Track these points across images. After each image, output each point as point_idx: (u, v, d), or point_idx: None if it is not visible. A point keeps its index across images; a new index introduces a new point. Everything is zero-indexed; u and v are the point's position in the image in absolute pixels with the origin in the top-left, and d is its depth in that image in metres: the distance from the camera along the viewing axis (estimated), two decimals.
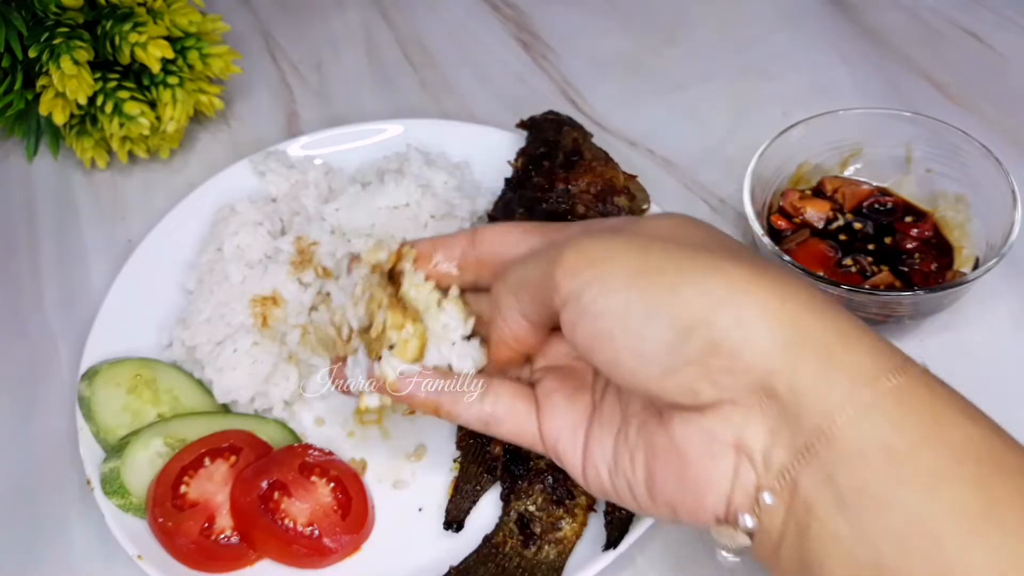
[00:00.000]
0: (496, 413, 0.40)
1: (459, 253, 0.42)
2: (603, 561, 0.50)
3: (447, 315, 0.42)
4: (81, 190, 0.78)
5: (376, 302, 0.41)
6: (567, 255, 0.34)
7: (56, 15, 0.72)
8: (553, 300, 0.35)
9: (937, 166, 0.63)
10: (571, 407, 0.39)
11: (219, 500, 0.54)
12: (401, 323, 0.40)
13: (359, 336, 0.42)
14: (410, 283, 0.42)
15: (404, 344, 0.40)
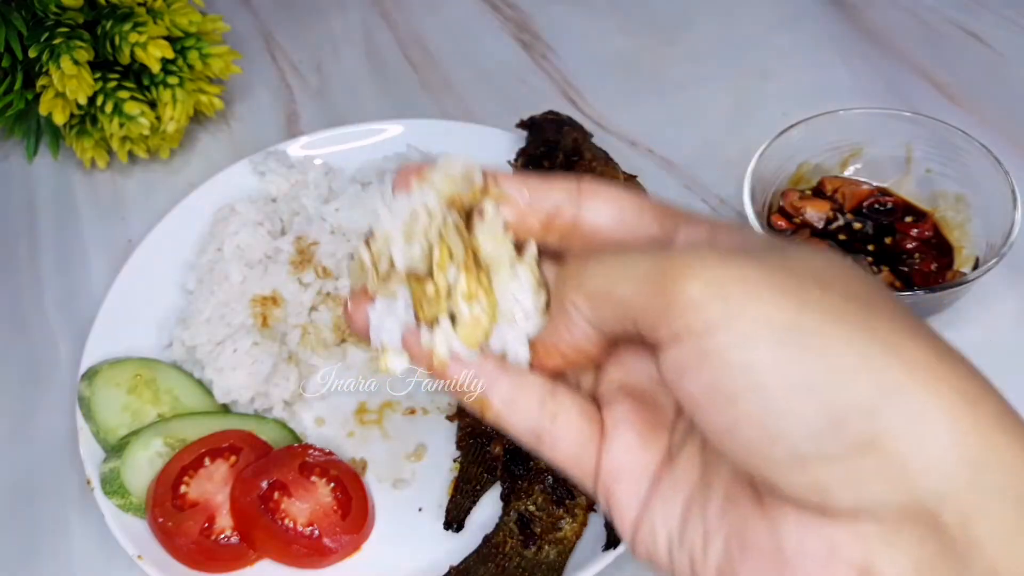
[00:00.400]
0: (555, 430, 0.31)
1: (552, 206, 0.32)
2: (603, 561, 0.50)
3: (518, 283, 0.32)
4: (81, 190, 0.78)
5: (447, 250, 0.31)
6: (693, 281, 0.26)
7: (56, 15, 0.72)
8: (655, 328, 0.27)
9: (937, 166, 0.63)
10: (643, 448, 0.31)
11: (219, 500, 0.54)
12: (475, 293, 0.31)
13: (406, 279, 0.32)
14: (487, 232, 0.32)
15: (473, 324, 0.31)
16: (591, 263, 0.29)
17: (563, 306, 0.30)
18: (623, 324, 0.28)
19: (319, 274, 0.64)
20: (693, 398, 0.27)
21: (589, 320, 0.30)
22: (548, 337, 0.31)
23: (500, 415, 0.32)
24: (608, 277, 0.29)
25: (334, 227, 0.66)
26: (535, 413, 0.31)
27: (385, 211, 0.32)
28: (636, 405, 0.32)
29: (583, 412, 0.32)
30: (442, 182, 0.32)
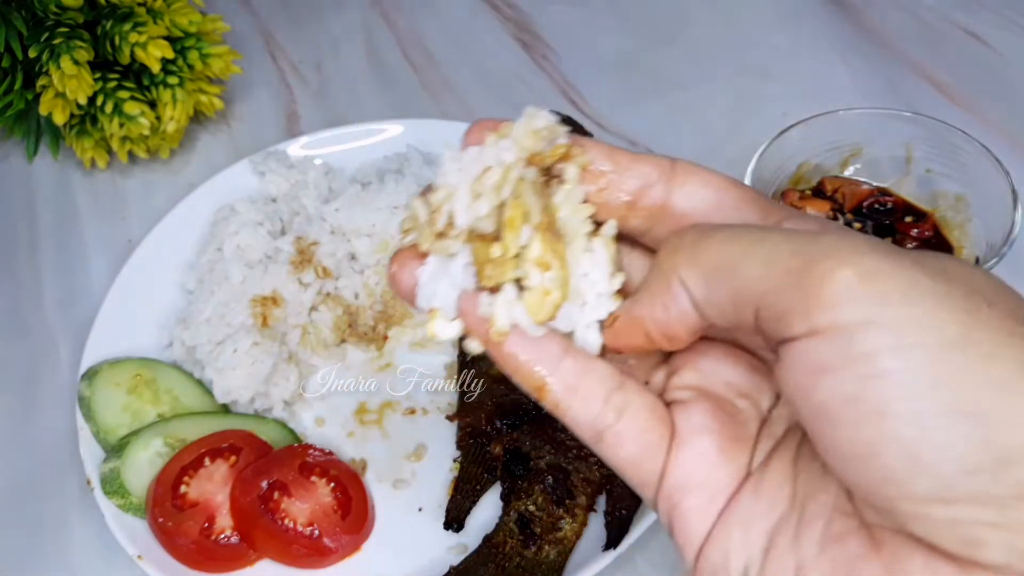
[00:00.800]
0: (620, 427, 0.28)
1: (641, 184, 0.29)
2: (603, 561, 0.50)
3: (593, 261, 0.29)
4: (81, 190, 0.78)
5: (521, 211, 0.28)
6: (845, 269, 0.22)
7: (56, 15, 0.72)
8: (787, 318, 0.23)
9: (937, 166, 0.63)
10: (721, 461, 0.27)
11: (219, 500, 0.54)
12: (547, 261, 0.27)
13: (466, 238, 0.29)
14: (565, 199, 0.29)
15: (542, 295, 0.28)
16: (716, 234, 0.26)
17: (668, 279, 0.26)
18: (739, 310, 0.25)
19: (319, 274, 0.64)
20: (825, 408, 0.22)
21: (697, 300, 0.26)
22: (637, 311, 0.28)
23: (559, 402, 0.28)
24: (735, 252, 0.25)
25: (334, 227, 0.66)
26: (599, 405, 0.28)
27: (452, 164, 0.29)
28: (715, 412, 0.28)
29: (654, 411, 0.28)
30: (524, 136, 0.29)
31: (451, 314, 0.29)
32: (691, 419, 0.28)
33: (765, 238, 0.24)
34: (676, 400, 0.29)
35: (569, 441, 0.54)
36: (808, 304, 0.22)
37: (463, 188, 0.28)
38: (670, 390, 0.29)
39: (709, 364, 0.29)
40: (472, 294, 0.28)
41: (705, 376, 0.29)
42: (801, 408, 0.23)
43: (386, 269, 0.64)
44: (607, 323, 0.29)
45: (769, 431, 0.28)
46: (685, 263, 0.26)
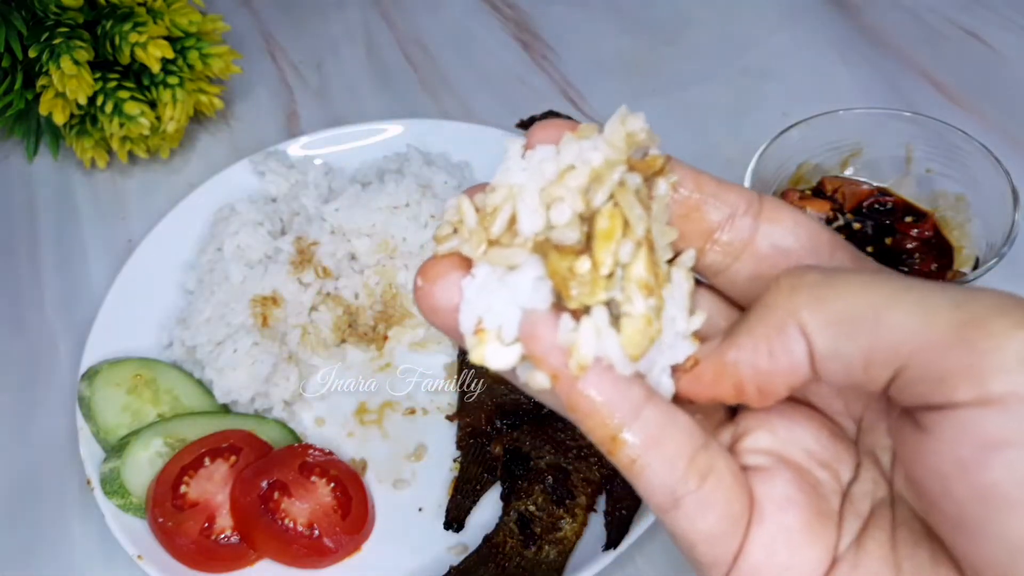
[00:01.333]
0: (703, 496, 0.23)
1: (726, 215, 0.26)
2: (603, 561, 0.50)
3: (671, 294, 0.25)
4: (81, 190, 0.78)
5: (621, 220, 0.23)
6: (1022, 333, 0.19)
7: (56, 15, 0.72)
8: (947, 382, 0.20)
9: (937, 166, 0.63)
10: (807, 543, 0.24)
11: (219, 500, 0.54)
12: (652, 286, 0.23)
13: (535, 246, 0.24)
14: (655, 217, 0.25)
15: (644, 324, 0.23)
16: (851, 276, 0.22)
17: (783, 323, 0.22)
18: (872, 368, 0.21)
19: (319, 274, 0.64)
20: (997, 489, 0.19)
21: (818, 351, 0.22)
22: (733, 357, 0.24)
23: (637, 458, 0.23)
24: (877, 299, 0.21)
25: (334, 227, 0.66)
26: (681, 466, 0.23)
27: (515, 161, 0.25)
28: (798, 481, 0.24)
29: (737, 479, 0.24)
30: (618, 137, 0.25)
31: (509, 336, 0.23)
32: (774, 489, 0.24)
33: (913, 286, 0.21)
34: (750, 466, 0.25)
35: (569, 441, 0.54)
36: (980, 367, 0.19)
37: (531, 189, 0.24)
38: (742, 453, 0.25)
39: (786, 427, 0.26)
40: (548, 315, 0.23)
41: (782, 440, 0.25)
42: (956, 488, 0.20)
43: (393, 279, 0.62)
44: (685, 367, 0.25)
45: (853, 508, 0.25)
46: (808, 306, 0.22)
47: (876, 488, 0.25)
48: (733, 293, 0.27)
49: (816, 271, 0.23)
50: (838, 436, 0.26)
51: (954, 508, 0.20)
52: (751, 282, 0.26)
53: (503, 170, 0.25)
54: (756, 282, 0.25)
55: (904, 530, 0.24)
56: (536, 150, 0.25)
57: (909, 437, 0.21)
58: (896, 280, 0.22)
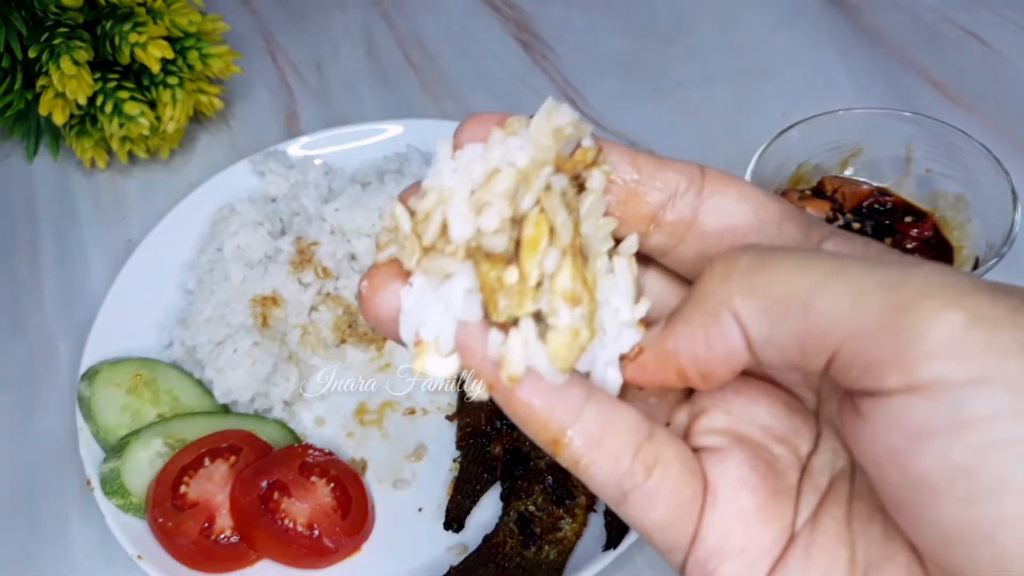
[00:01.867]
0: (650, 487, 0.23)
1: (667, 195, 0.25)
2: (603, 561, 0.50)
3: (614, 285, 0.25)
4: (81, 190, 0.78)
5: (547, 229, 0.23)
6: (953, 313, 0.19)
7: (56, 15, 0.72)
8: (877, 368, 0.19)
9: (937, 166, 0.63)
10: (762, 521, 0.24)
11: (219, 500, 0.54)
12: (578, 296, 0.23)
13: (465, 254, 0.23)
14: (589, 213, 0.24)
15: (571, 337, 0.22)
16: (781, 259, 0.22)
17: (716, 311, 0.22)
18: (808, 355, 0.21)
19: (319, 274, 0.64)
20: (926, 478, 0.19)
21: (753, 338, 0.22)
22: (672, 346, 0.23)
23: (580, 458, 0.23)
24: (807, 284, 0.20)
25: (334, 227, 0.66)
26: (625, 461, 0.23)
27: (445, 163, 0.24)
28: (754, 461, 0.24)
29: (686, 465, 0.24)
30: (542, 134, 0.23)
31: (445, 348, 0.23)
32: (727, 471, 0.24)
33: (845, 268, 0.20)
34: (705, 447, 0.25)
35: None
36: (907, 353, 0.19)
37: (460, 193, 0.23)
38: (697, 434, 0.25)
39: (742, 404, 0.25)
40: (476, 328, 0.23)
41: (737, 418, 0.25)
42: (890, 475, 0.20)
43: None
44: (630, 356, 0.25)
45: (812, 482, 0.24)
46: (741, 293, 0.22)
47: (835, 459, 0.25)
48: (682, 271, 0.27)
49: (749, 254, 0.22)
50: (796, 409, 0.26)
51: (890, 493, 0.20)
52: (699, 260, 0.25)
53: (434, 172, 0.24)
54: (703, 260, 0.24)
55: (860, 504, 0.24)
56: (465, 149, 0.24)
57: (849, 420, 0.21)
58: (830, 262, 0.21)
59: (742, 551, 0.23)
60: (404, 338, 0.24)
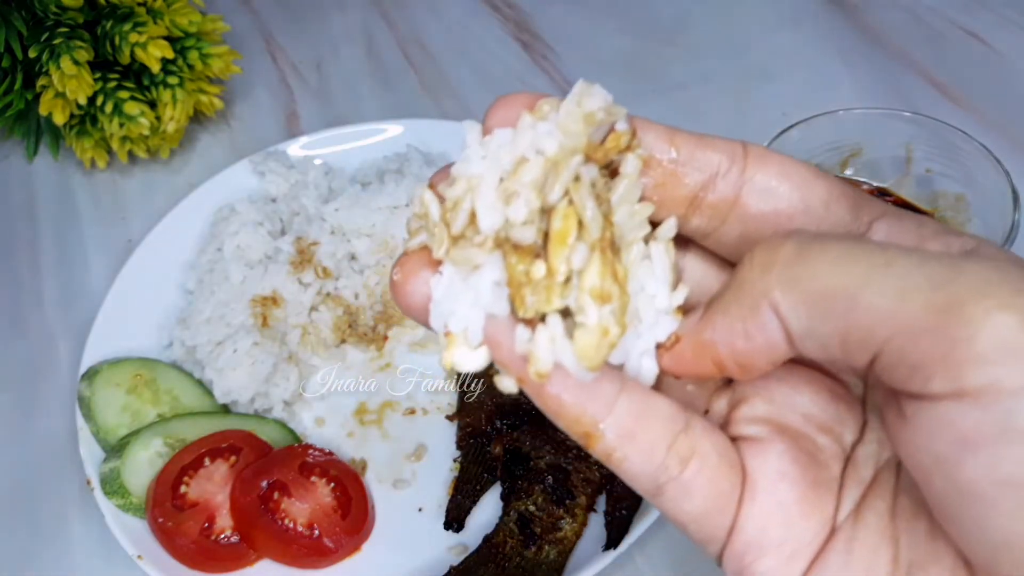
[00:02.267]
0: (686, 479, 0.23)
1: (707, 176, 0.24)
2: (603, 561, 0.50)
3: (650, 272, 0.24)
4: (81, 190, 0.78)
5: (575, 222, 0.22)
6: (1004, 314, 0.18)
7: (56, 15, 0.72)
8: (923, 369, 0.18)
9: (937, 166, 0.63)
10: (803, 514, 0.23)
11: (219, 500, 0.54)
12: (607, 293, 0.22)
13: (494, 244, 0.22)
14: (623, 200, 0.23)
15: (599, 336, 0.22)
16: (825, 249, 0.20)
17: (756, 303, 0.21)
18: (851, 351, 0.20)
19: (319, 274, 0.64)
20: (973, 488, 0.18)
21: (793, 332, 0.21)
22: (709, 336, 0.23)
23: (613, 451, 0.23)
24: (852, 277, 0.19)
25: (334, 227, 0.66)
26: (660, 454, 0.23)
27: (474, 149, 0.23)
28: (795, 452, 0.23)
29: (724, 456, 0.23)
30: (572, 120, 0.22)
31: (475, 340, 0.23)
32: (767, 463, 0.23)
33: (893, 261, 0.19)
34: (745, 437, 0.24)
35: (569, 441, 0.54)
36: (956, 357, 0.18)
37: (488, 182, 0.22)
38: (737, 423, 0.24)
39: (784, 392, 0.24)
40: (504, 323, 0.22)
41: (779, 407, 0.24)
42: (936, 482, 0.19)
43: (388, 276, 0.63)
44: (666, 345, 0.24)
45: (856, 474, 0.23)
46: (781, 285, 0.21)
47: (881, 449, 0.24)
48: (724, 252, 0.25)
49: (791, 243, 0.21)
50: (841, 397, 0.25)
51: (935, 499, 0.20)
52: (742, 242, 0.24)
53: (463, 158, 0.23)
54: (746, 242, 0.23)
55: (905, 499, 0.23)
56: (494, 135, 0.23)
57: (893, 420, 0.20)
58: (877, 254, 0.20)
59: (781, 544, 0.23)
60: (434, 327, 0.24)
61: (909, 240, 0.22)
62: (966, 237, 0.22)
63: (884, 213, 0.23)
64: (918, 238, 0.22)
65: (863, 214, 0.23)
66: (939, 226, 0.23)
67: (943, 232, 0.22)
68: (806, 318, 0.20)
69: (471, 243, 0.22)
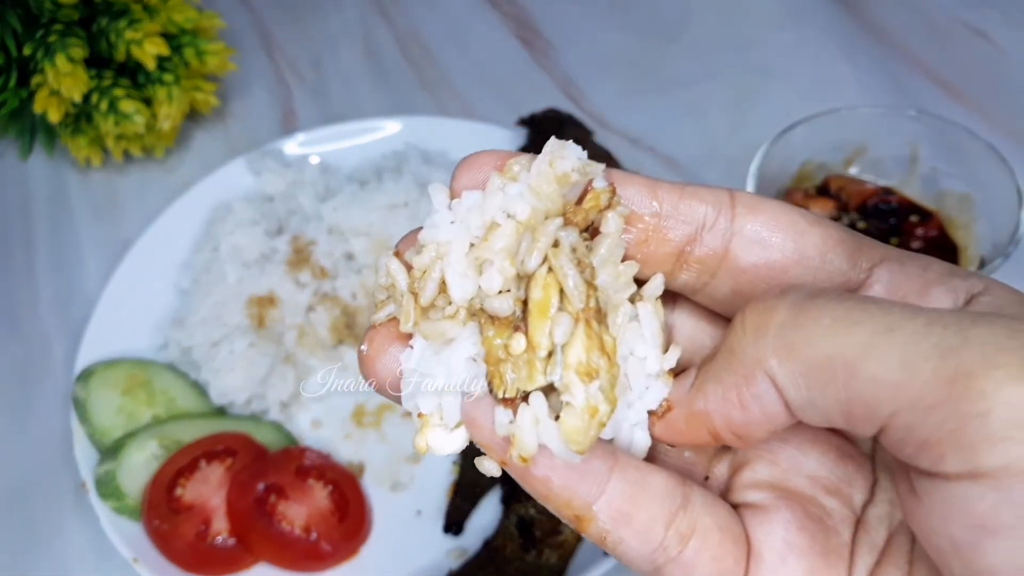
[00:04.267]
0: (685, 559, 0.22)
1: (693, 228, 0.22)
2: (604, 565, 0.50)
3: (639, 335, 0.22)
4: (76, 189, 0.78)
5: (555, 292, 0.20)
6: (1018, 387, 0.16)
7: (51, 12, 0.71)
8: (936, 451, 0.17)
9: (942, 165, 0.62)
10: None
11: (215, 503, 0.54)
12: (594, 369, 0.20)
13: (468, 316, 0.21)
14: (605, 261, 0.22)
15: (587, 416, 0.20)
16: (820, 312, 0.19)
17: (750, 372, 0.20)
18: (854, 424, 0.19)
19: (316, 274, 0.63)
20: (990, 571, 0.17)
21: (792, 403, 0.20)
22: (701, 406, 0.21)
23: (607, 535, 0.21)
24: (852, 344, 0.18)
25: (331, 226, 0.65)
26: (658, 534, 0.21)
27: (442, 213, 0.22)
28: (801, 520, 0.22)
29: (727, 531, 0.22)
30: (547, 182, 0.21)
31: (451, 421, 0.21)
32: (773, 533, 0.22)
33: (896, 325, 0.18)
34: (748, 504, 0.23)
35: None
36: (969, 435, 0.16)
37: (458, 248, 0.21)
38: (739, 489, 0.23)
39: (789, 453, 0.23)
40: (483, 402, 0.21)
41: (784, 470, 0.23)
42: (953, 565, 0.18)
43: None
44: (659, 412, 0.22)
45: (868, 538, 0.22)
46: (777, 352, 0.19)
47: (893, 510, 0.22)
48: (716, 307, 0.24)
49: (785, 305, 0.20)
50: (849, 455, 0.23)
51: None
52: (734, 296, 0.23)
53: (429, 223, 0.22)
54: (739, 297, 0.22)
55: (922, 566, 0.21)
56: (463, 198, 0.22)
57: (906, 497, 0.19)
58: (878, 317, 0.18)
59: None
60: (406, 407, 0.22)
61: (913, 287, 0.21)
62: (974, 279, 0.21)
63: (884, 258, 0.22)
64: (922, 284, 0.21)
65: (862, 260, 0.22)
66: (944, 267, 0.21)
67: (948, 274, 0.21)
68: (805, 388, 0.19)
69: (443, 314, 0.21)
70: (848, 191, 0.64)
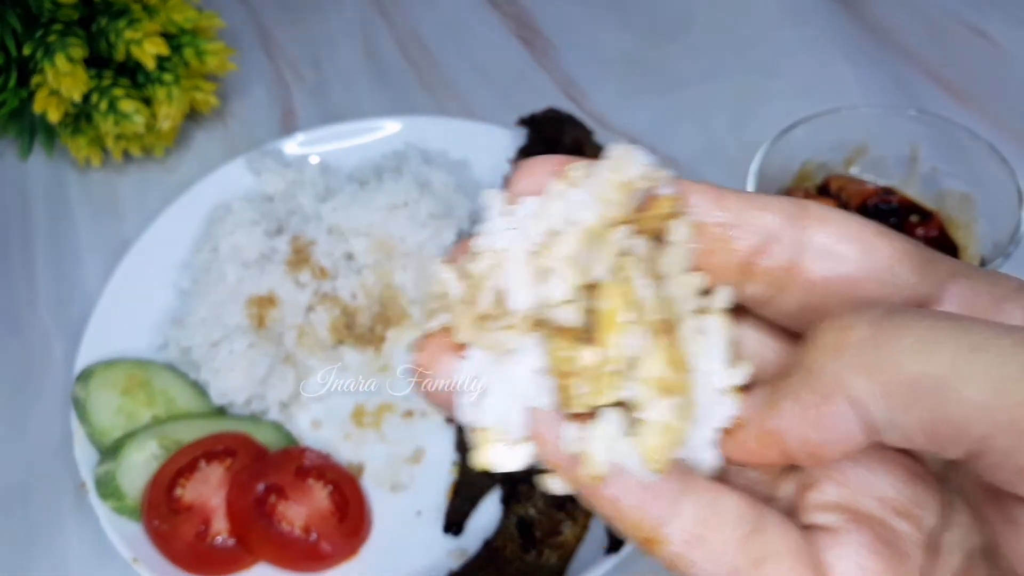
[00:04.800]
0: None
1: (761, 239, 0.22)
2: (605, 565, 0.50)
3: (706, 349, 0.21)
4: (75, 189, 0.78)
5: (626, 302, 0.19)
6: None
7: (51, 12, 0.71)
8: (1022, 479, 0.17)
9: (943, 165, 0.62)
10: None
11: (215, 503, 0.54)
12: (673, 384, 0.20)
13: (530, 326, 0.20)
14: (670, 272, 0.21)
15: (664, 434, 0.20)
16: (905, 330, 0.18)
17: (829, 392, 0.19)
18: (942, 447, 0.18)
19: (316, 274, 0.63)
20: None
21: (873, 422, 0.19)
22: (774, 425, 0.20)
23: (679, 558, 0.21)
24: (940, 364, 0.18)
25: (331, 226, 0.65)
26: (732, 558, 0.21)
27: (498, 218, 0.21)
28: (873, 543, 0.21)
29: (799, 557, 0.21)
30: (611, 189, 0.20)
31: (515, 434, 0.20)
32: (845, 558, 0.21)
33: (983, 344, 0.17)
34: (818, 526, 0.22)
35: None
36: None
37: (516, 256, 0.20)
38: (807, 510, 0.22)
39: (858, 474, 0.22)
40: (550, 417, 0.20)
41: (853, 491, 0.22)
42: None
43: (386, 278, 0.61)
44: (727, 430, 0.22)
45: (942, 563, 0.21)
46: (857, 372, 0.19)
47: (968, 536, 0.21)
48: (784, 322, 0.23)
49: (864, 324, 0.19)
50: (918, 475, 0.22)
51: None
52: (803, 310, 0.22)
53: (486, 230, 0.21)
54: (809, 310, 0.22)
55: None
56: (522, 202, 0.21)
57: (1001, 526, 0.18)
58: (962, 335, 0.18)
59: None
60: (464, 421, 0.21)
61: (984, 303, 0.20)
62: None
63: (954, 273, 0.21)
64: (991, 300, 0.20)
65: (930, 275, 0.21)
66: (1015, 283, 0.21)
67: (1018, 289, 0.21)
68: (887, 409, 0.19)
69: (500, 325, 0.20)
70: (848, 191, 0.64)
